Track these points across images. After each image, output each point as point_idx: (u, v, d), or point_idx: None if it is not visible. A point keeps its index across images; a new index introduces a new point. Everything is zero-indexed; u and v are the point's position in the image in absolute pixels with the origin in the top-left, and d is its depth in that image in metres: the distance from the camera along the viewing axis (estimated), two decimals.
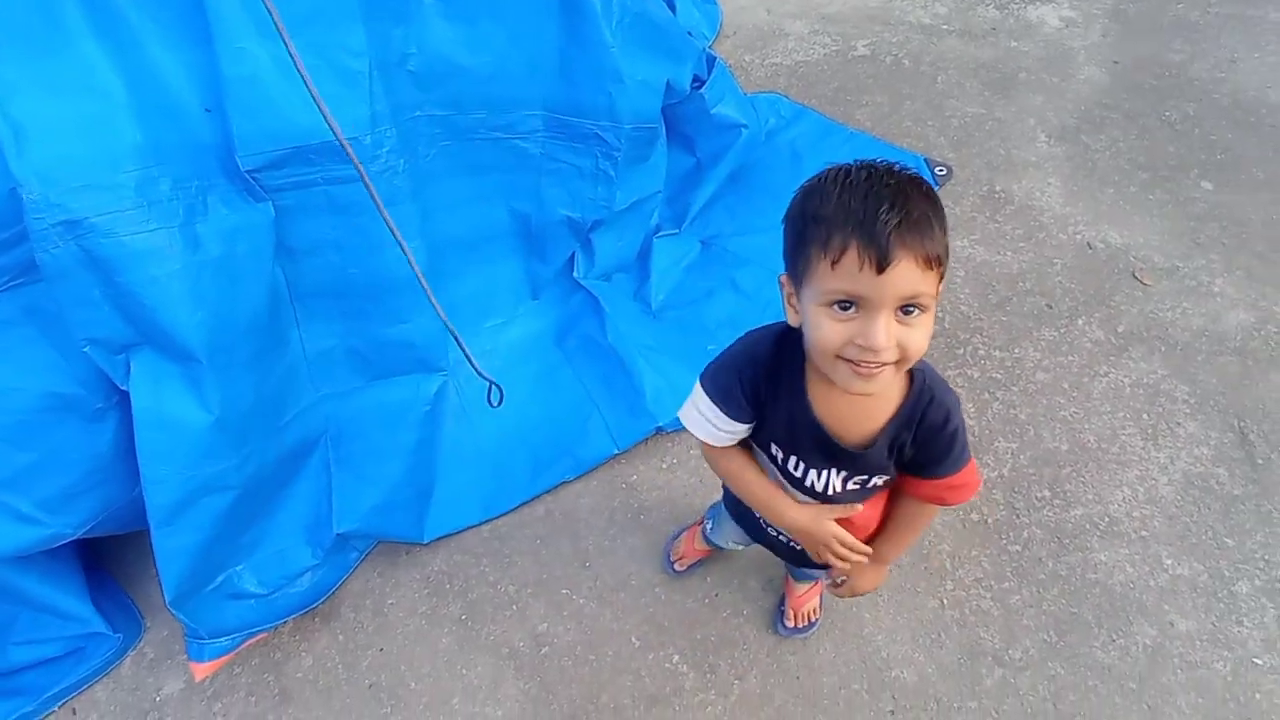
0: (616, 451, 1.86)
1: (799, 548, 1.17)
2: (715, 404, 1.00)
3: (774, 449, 1.04)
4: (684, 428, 1.06)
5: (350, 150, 1.21)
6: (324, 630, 1.70)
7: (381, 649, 1.67)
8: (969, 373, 1.99)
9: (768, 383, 0.98)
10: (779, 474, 1.07)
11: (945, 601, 1.65)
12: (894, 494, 1.11)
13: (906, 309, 0.80)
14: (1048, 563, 1.68)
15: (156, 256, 1.26)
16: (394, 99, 1.51)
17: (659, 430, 1.87)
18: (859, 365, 0.82)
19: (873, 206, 0.77)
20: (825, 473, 1.01)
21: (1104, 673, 1.55)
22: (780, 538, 1.20)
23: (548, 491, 1.84)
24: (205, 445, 1.36)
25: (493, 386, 1.51)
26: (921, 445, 0.95)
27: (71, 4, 1.20)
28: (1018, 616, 1.62)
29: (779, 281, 0.93)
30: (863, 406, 0.93)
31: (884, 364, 0.82)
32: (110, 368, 1.32)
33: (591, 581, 1.73)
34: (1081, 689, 1.53)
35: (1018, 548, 1.71)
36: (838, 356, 0.84)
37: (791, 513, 1.06)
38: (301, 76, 1.12)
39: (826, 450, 0.97)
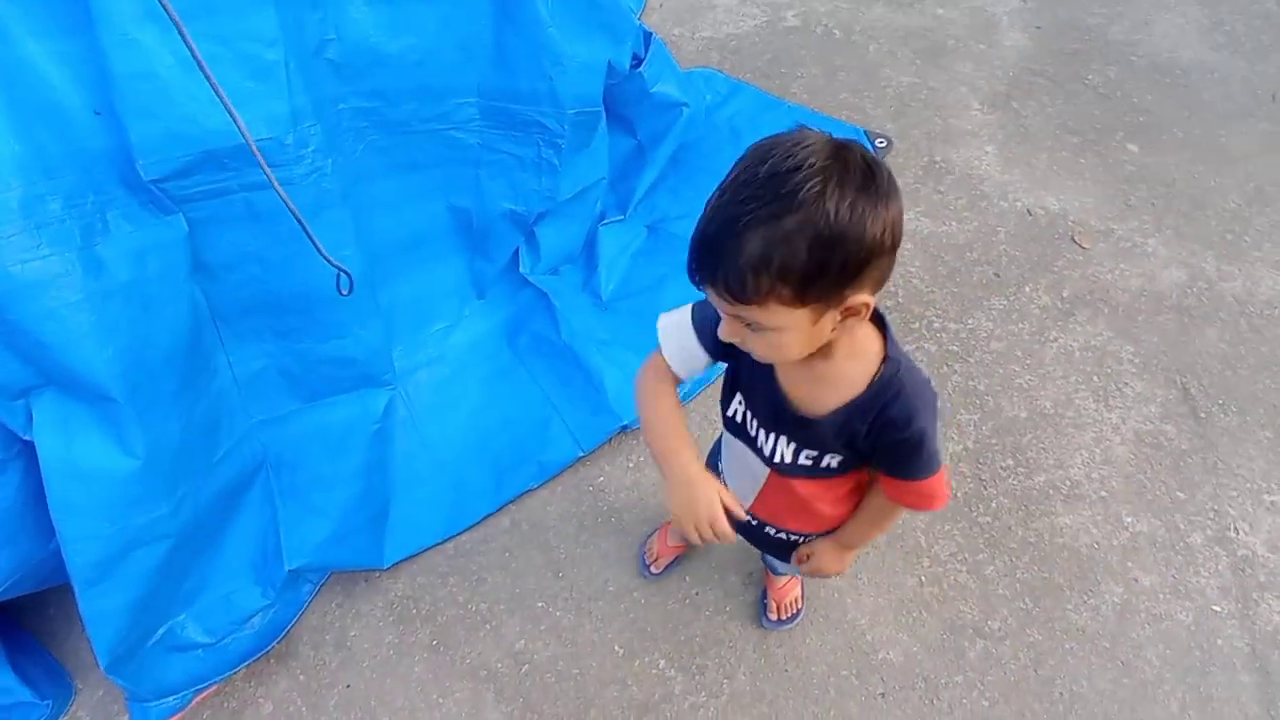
0: (581, 454, 1.78)
1: (768, 528, 1.16)
2: (694, 326, 0.97)
3: (736, 401, 1.02)
4: None
5: (257, 151, 1.07)
6: (282, 672, 1.57)
7: (348, 685, 1.56)
8: (926, 347, 1.99)
9: None
10: (735, 433, 1.04)
11: (923, 579, 1.65)
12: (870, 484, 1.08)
13: (747, 322, 0.78)
14: (1017, 531, 1.71)
15: (52, 286, 1.10)
16: (316, 92, 1.36)
17: (623, 428, 1.80)
18: None
19: (712, 218, 0.73)
20: (775, 438, 0.98)
21: (1078, 634, 1.59)
22: (752, 520, 1.16)
23: (512, 501, 1.76)
24: (132, 494, 1.22)
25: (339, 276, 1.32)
26: (879, 439, 0.91)
27: None
28: (994, 586, 1.64)
29: None
30: (821, 381, 0.90)
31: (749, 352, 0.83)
32: (7, 416, 1.15)
33: (567, 592, 1.65)
34: (1059, 652, 1.57)
35: (988, 519, 1.72)
36: None
37: (682, 463, 0.94)
38: (201, 68, 0.97)
39: (777, 414, 0.96)
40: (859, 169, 0.70)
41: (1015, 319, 2.05)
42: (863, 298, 0.75)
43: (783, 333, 0.76)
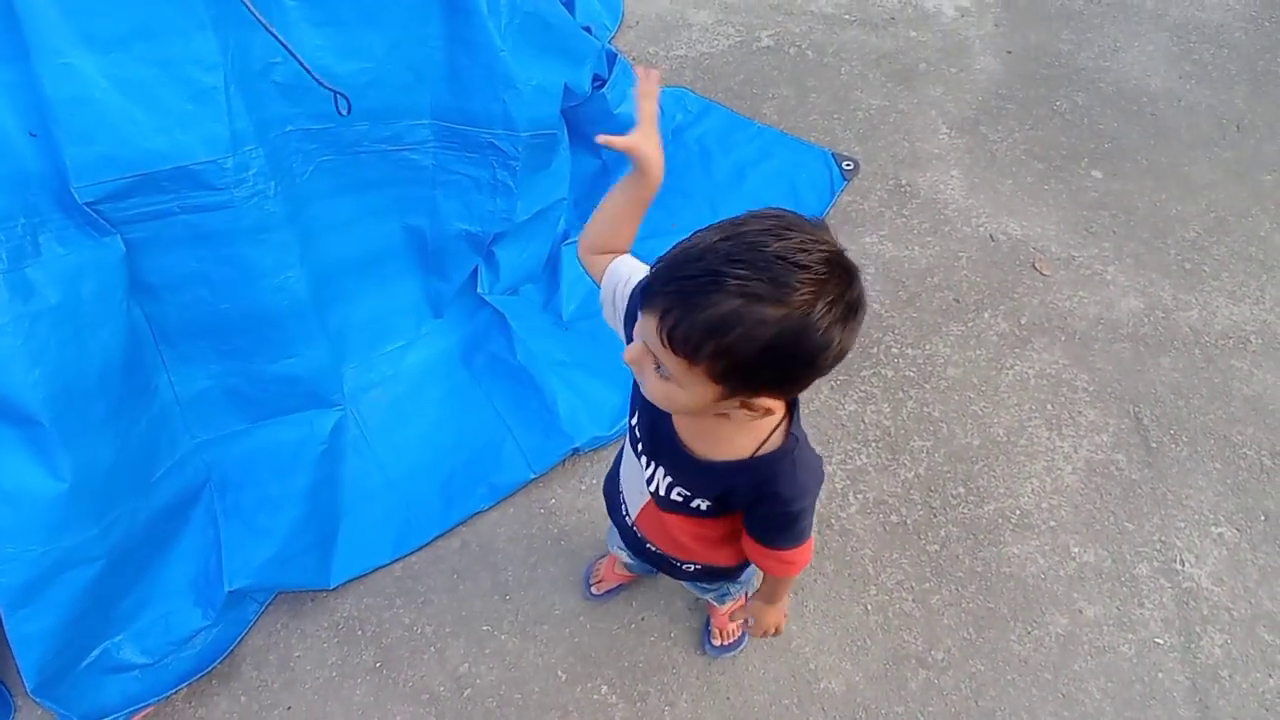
0: (533, 475, 1.78)
1: (649, 544, 1.15)
2: (631, 294, 0.92)
3: (635, 416, 1.01)
4: (601, 447, 1.00)
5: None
6: (223, 693, 1.56)
7: (289, 707, 1.55)
8: (883, 372, 2.00)
9: None
10: (630, 446, 1.04)
11: (869, 607, 1.65)
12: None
13: (658, 363, 0.75)
14: (965, 560, 1.71)
15: None
16: (259, 115, 1.36)
17: (575, 451, 1.80)
18: None
19: (700, 258, 0.68)
20: (655, 467, 0.98)
21: (1021, 665, 1.59)
22: (626, 518, 1.16)
23: (462, 522, 1.75)
24: (58, 516, 1.21)
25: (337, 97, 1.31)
26: (758, 506, 0.91)
27: None
28: (939, 616, 1.64)
29: None
30: (710, 435, 0.89)
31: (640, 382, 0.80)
32: None
33: (513, 615, 1.65)
34: (1001, 683, 1.57)
35: (936, 547, 1.73)
36: None
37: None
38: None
39: (660, 444, 0.95)
40: (852, 300, 0.69)
41: (973, 345, 2.05)
42: (770, 404, 0.75)
43: (682, 390, 0.75)
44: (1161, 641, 1.61)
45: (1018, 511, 1.78)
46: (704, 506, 0.96)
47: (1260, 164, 2.50)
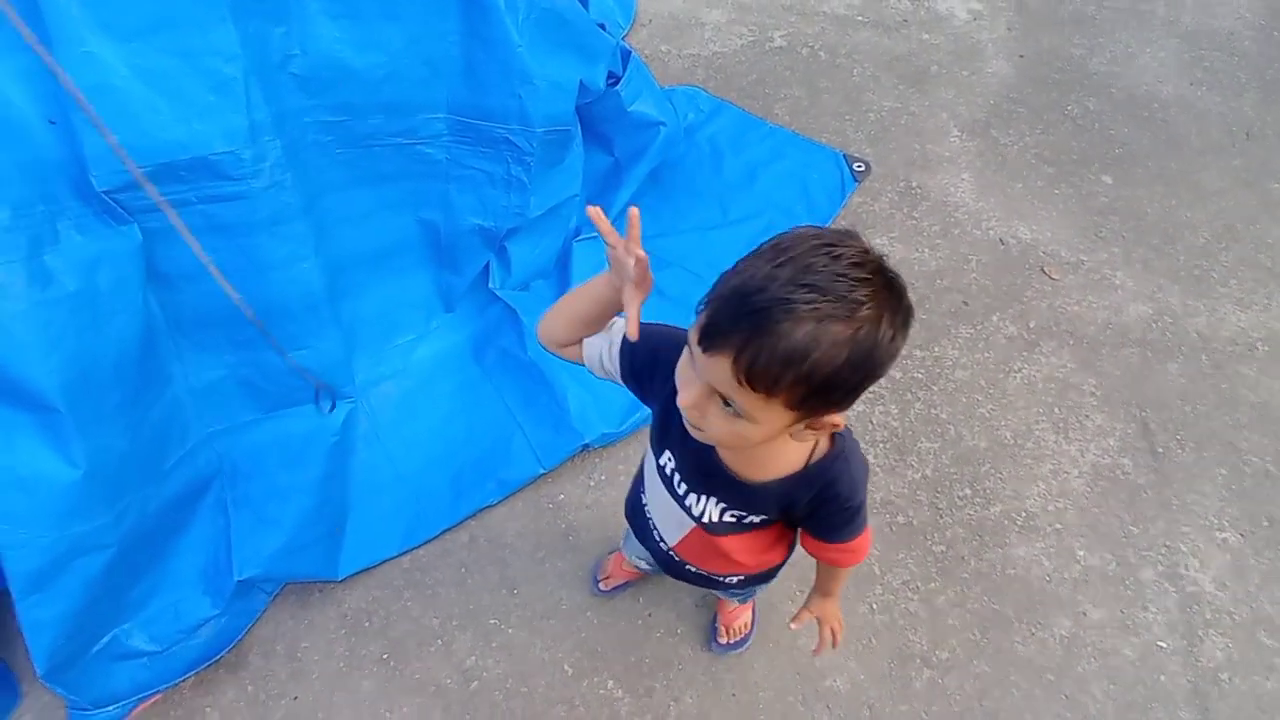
0: (542, 471, 1.78)
1: (688, 566, 1.14)
2: (620, 355, 0.94)
3: (665, 457, 1.00)
4: (611, 444, 0.99)
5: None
6: (231, 682, 1.57)
7: (296, 697, 1.56)
8: (891, 373, 1.99)
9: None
10: (664, 487, 1.03)
11: (875, 606, 1.66)
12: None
13: (726, 401, 0.72)
14: (970, 561, 1.72)
15: None
16: (277, 106, 1.36)
17: (585, 447, 1.80)
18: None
19: (762, 287, 0.66)
20: (704, 499, 0.98)
21: (1024, 666, 1.59)
22: (661, 544, 1.16)
23: (471, 516, 1.76)
24: (72, 503, 1.21)
25: (320, 392, 1.27)
26: (819, 509, 0.92)
27: None
28: (944, 617, 1.65)
29: None
30: (760, 458, 0.89)
31: (696, 426, 0.77)
32: None
33: (520, 609, 1.66)
34: (1004, 684, 1.57)
35: (942, 548, 1.73)
36: None
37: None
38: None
39: (711, 477, 0.94)
40: (908, 305, 0.70)
41: (981, 348, 2.06)
42: (837, 419, 0.75)
43: (756, 426, 0.73)
44: (1164, 645, 1.62)
45: (1024, 514, 1.78)
46: (758, 520, 0.97)
47: (1269, 172, 2.50)
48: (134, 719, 1.47)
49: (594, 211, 0.84)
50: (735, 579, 1.17)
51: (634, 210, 0.81)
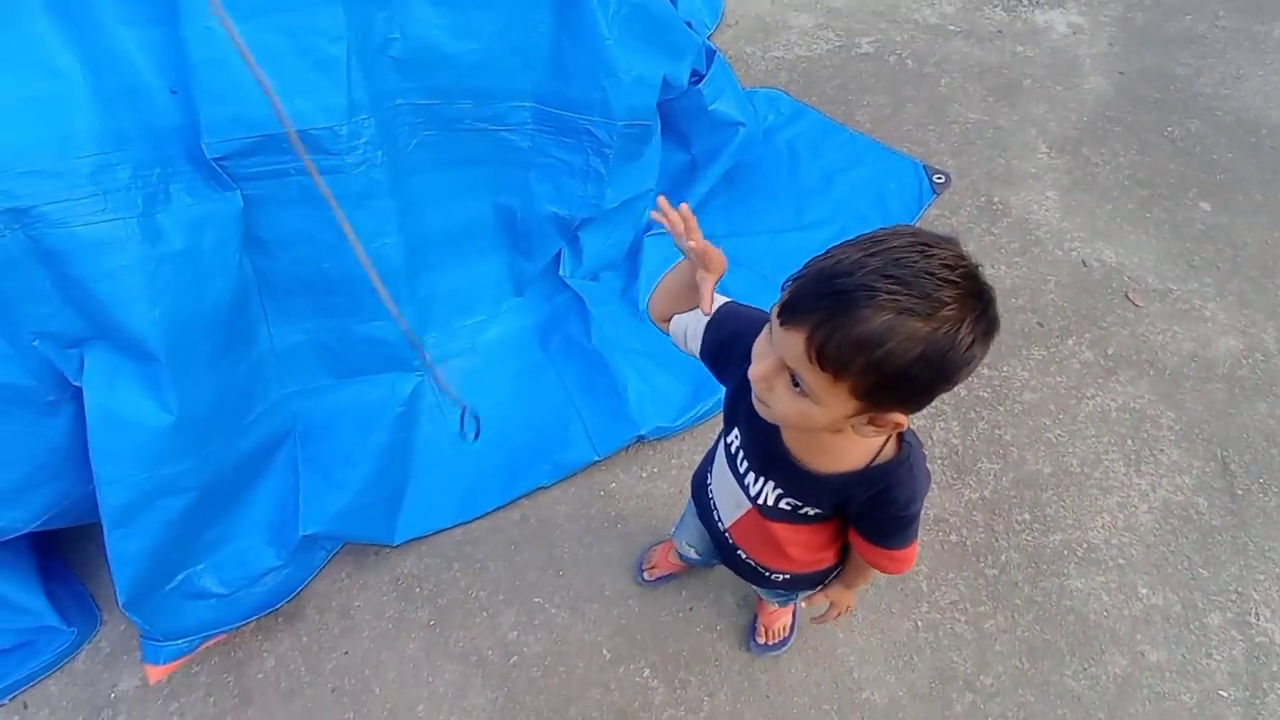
0: (596, 458, 1.82)
1: (740, 551, 1.15)
2: (704, 331, 0.97)
3: (734, 434, 1.02)
4: (665, 437, 1.01)
5: (297, 142, 1.13)
6: (287, 631, 1.65)
7: (346, 652, 1.63)
8: (956, 390, 1.95)
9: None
10: (727, 463, 1.05)
11: (920, 624, 1.63)
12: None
13: (795, 380, 0.73)
14: (1024, 588, 1.67)
15: (112, 248, 1.19)
16: (374, 87, 1.43)
17: (640, 439, 1.83)
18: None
19: (849, 272, 0.67)
20: (763, 481, 0.99)
21: (1073, 701, 1.54)
22: (719, 524, 1.17)
23: (524, 496, 1.80)
24: (162, 447, 1.30)
25: (465, 415, 1.43)
26: (874, 510, 0.92)
27: None
28: (991, 641, 1.61)
29: None
30: (826, 450, 0.89)
31: (763, 401, 0.80)
32: (62, 363, 1.25)
33: (565, 590, 1.69)
34: (1050, 717, 1.53)
35: (995, 571, 1.69)
36: None
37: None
38: (244, 57, 1.04)
39: (772, 459, 0.95)
40: (993, 316, 0.70)
41: (1053, 371, 1.99)
42: (901, 419, 0.75)
43: (819, 408, 0.73)
44: (1226, 694, 1.55)
45: (1085, 545, 1.72)
46: (813, 513, 0.98)
47: None
48: (199, 654, 1.57)
49: (661, 200, 0.90)
50: (782, 576, 1.18)
51: (684, 206, 0.88)
